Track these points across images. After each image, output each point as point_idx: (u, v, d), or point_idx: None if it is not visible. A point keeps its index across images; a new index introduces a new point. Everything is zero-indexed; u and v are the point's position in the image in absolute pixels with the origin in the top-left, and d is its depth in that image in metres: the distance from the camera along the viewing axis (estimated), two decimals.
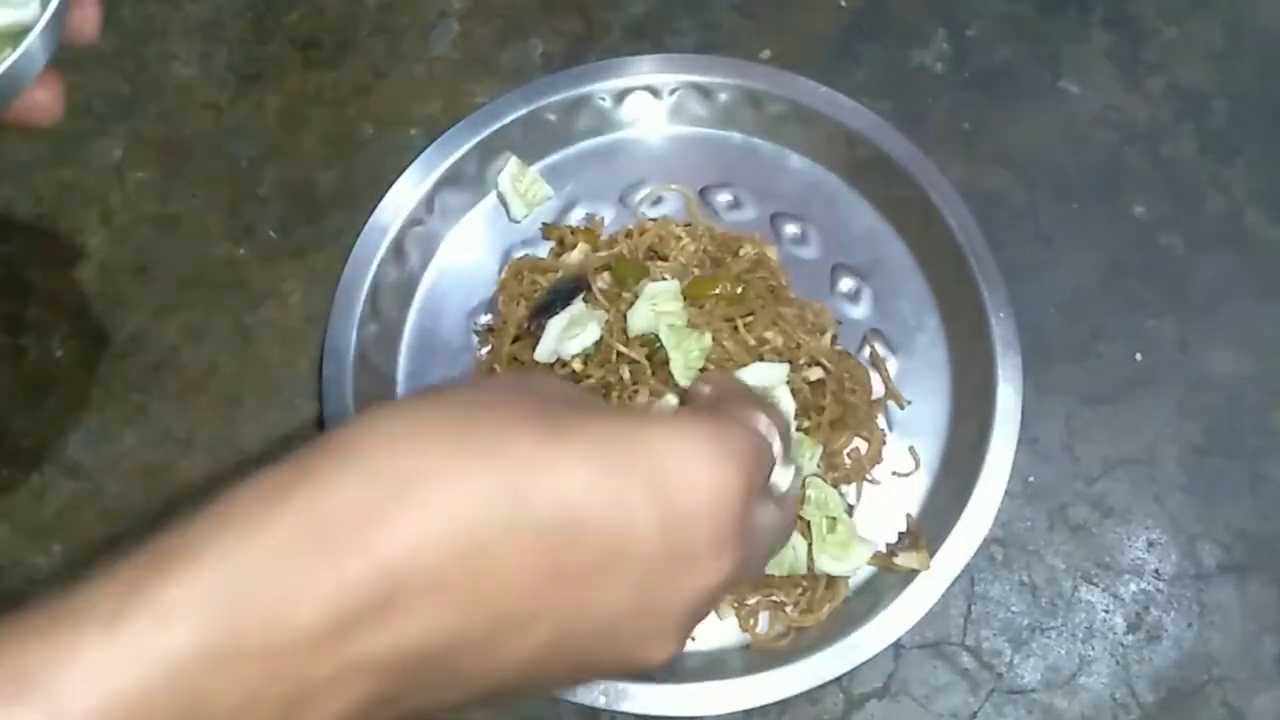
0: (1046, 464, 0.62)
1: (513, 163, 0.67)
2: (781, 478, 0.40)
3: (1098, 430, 0.63)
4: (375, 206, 0.64)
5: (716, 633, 0.58)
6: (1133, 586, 0.60)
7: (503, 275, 0.65)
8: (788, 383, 0.58)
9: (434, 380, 0.64)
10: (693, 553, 0.35)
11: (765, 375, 0.58)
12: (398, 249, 0.64)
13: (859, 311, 0.65)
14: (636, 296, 0.59)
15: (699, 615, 0.37)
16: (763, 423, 0.40)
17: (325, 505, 0.30)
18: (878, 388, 0.63)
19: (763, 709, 0.56)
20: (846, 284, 0.65)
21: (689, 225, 0.65)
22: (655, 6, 0.72)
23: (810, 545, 0.58)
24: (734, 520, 0.36)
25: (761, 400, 0.42)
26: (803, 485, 0.58)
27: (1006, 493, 0.58)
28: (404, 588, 0.30)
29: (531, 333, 0.61)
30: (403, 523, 0.30)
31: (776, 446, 0.40)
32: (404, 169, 0.65)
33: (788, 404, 0.58)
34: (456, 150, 0.65)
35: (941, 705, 0.58)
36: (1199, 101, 0.70)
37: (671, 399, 0.53)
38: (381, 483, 0.31)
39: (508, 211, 0.67)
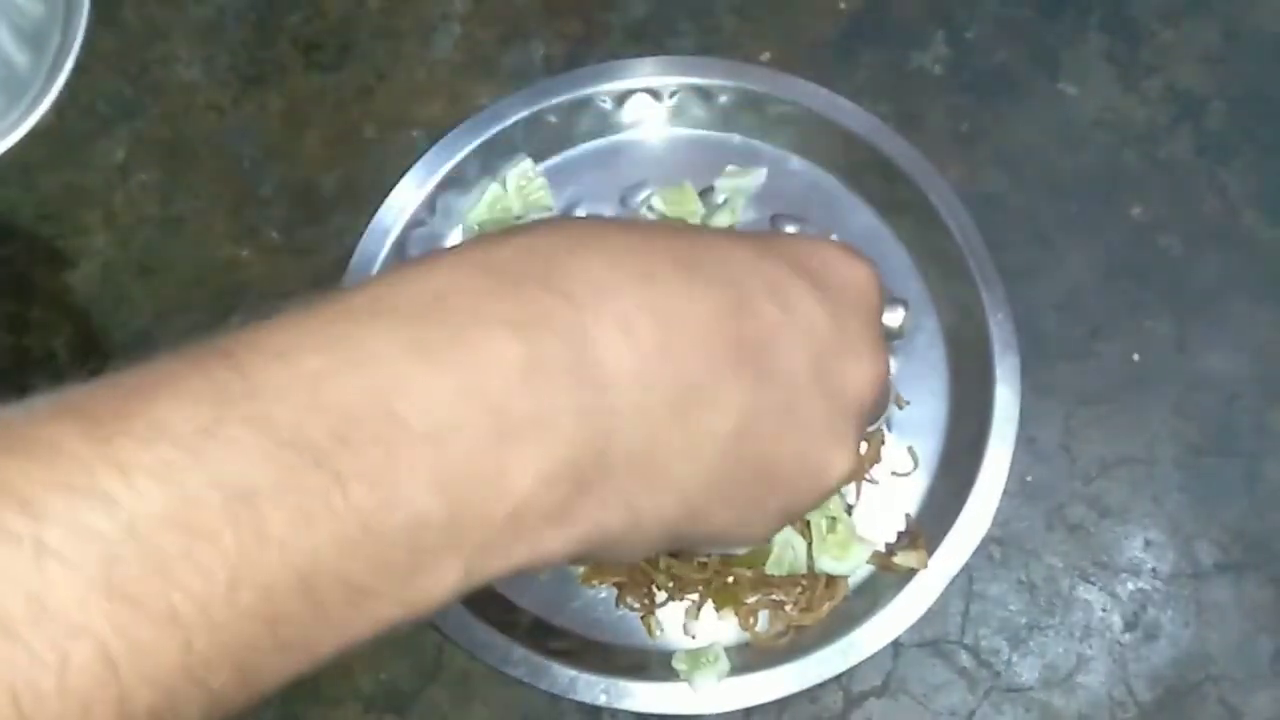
0: (1044, 464, 0.63)
1: (526, 164, 0.67)
2: (891, 317, 0.41)
3: (1095, 430, 0.63)
4: (377, 208, 0.64)
5: (716, 630, 0.59)
6: (1130, 585, 0.61)
7: None
8: None
9: None
10: (854, 337, 0.36)
11: None
12: (400, 251, 0.64)
13: None
14: None
15: (865, 418, 0.37)
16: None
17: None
18: None
19: (762, 707, 0.57)
20: None
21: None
22: (656, 9, 0.72)
23: (810, 545, 0.58)
24: (877, 318, 0.37)
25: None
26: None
27: (1005, 492, 0.59)
28: (600, 324, 0.31)
29: None
30: (596, 265, 0.32)
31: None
32: (406, 171, 0.65)
33: None
34: (458, 152, 0.65)
35: (940, 703, 0.59)
36: (1197, 103, 0.70)
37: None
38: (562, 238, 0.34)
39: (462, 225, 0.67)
